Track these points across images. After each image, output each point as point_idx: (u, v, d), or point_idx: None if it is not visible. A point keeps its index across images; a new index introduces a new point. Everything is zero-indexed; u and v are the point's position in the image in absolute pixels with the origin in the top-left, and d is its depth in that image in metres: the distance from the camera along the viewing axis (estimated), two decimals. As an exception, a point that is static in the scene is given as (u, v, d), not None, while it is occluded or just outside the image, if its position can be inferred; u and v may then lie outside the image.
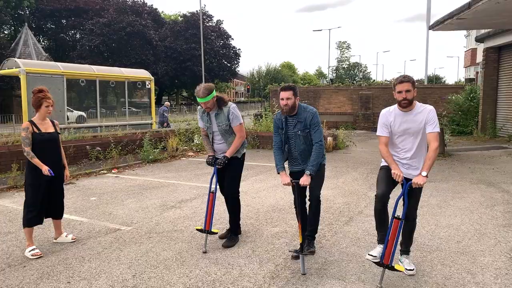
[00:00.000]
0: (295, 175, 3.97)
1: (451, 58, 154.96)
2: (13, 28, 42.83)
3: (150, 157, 10.42)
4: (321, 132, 3.92)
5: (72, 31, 46.59)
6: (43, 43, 44.85)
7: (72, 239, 4.67)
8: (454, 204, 5.94)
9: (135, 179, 8.28)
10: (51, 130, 4.36)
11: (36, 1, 39.19)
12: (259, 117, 15.54)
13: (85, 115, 17.74)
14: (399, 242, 3.87)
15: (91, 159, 10.15)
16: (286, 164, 4.13)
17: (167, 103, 20.61)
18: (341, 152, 11.95)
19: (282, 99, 3.87)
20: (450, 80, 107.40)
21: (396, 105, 3.63)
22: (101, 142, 10.59)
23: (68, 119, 14.91)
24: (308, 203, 4.08)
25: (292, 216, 5.36)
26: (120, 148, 10.68)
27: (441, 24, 10.89)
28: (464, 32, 40.33)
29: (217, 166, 4.31)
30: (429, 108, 3.52)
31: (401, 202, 3.49)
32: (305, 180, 3.78)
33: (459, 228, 4.87)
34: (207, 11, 51.34)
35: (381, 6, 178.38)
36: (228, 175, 4.42)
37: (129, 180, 8.23)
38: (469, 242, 4.41)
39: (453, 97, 16.11)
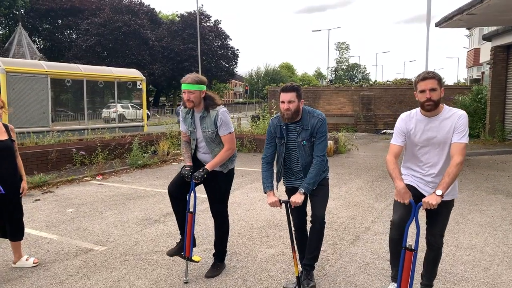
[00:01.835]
0: (294, 192, 3.22)
1: (451, 59, 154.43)
2: (7, 28, 42.06)
3: (139, 162, 9.74)
4: (325, 145, 3.22)
5: (68, 31, 45.80)
6: (38, 43, 44.06)
7: (34, 263, 4.00)
8: (473, 219, 5.27)
9: (120, 187, 7.60)
10: (3, 137, 3.68)
11: (30, 1, 38.44)
12: (256, 119, 14.80)
13: (149, 113, 17.59)
14: (420, 274, 3.21)
15: (75, 164, 9.46)
16: (279, 182, 3.47)
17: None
18: (343, 156, 11.29)
19: (283, 102, 3.11)
20: (449, 81, 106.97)
21: (418, 109, 2.93)
22: (86, 146, 9.89)
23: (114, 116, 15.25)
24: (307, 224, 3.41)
25: (290, 234, 4.70)
26: (107, 152, 9.99)
27: (450, 21, 10.26)
28: (466, 32, 39.73)
29: (194, 181, 3.49)
30: (460, 113, 2.82)
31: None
32: (297, 198, 3.07)
33: (484, 250, 4.20)
34: (205, 11, 50.51)
35: (381, 7, 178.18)
36: (213, 192, 3.69)
37: (113, 188, 7.56)
38: (499, 269, 3.74)
39: (460, 98, 15.44)
